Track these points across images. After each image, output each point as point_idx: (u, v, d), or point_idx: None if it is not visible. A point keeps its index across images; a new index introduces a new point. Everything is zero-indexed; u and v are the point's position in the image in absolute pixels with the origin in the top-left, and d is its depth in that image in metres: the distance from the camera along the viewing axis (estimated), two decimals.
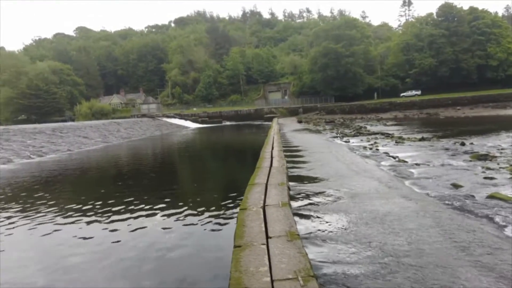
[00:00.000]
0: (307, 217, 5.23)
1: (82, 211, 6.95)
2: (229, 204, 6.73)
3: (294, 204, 5.76)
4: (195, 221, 5.92)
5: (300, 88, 66.59)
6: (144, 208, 6.88)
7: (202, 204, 7.04)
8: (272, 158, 9.23)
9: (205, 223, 5.79)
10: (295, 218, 4.49)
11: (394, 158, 10.57)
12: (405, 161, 9.93)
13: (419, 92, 55.38)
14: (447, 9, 57.37)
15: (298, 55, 76.87)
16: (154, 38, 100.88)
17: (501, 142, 13.12)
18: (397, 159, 10.29)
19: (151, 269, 4.19)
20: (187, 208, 6.75)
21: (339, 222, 4.93)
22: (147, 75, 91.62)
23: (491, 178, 7.20)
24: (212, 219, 5.91)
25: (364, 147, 13.42)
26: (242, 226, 3.97)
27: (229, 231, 5.23)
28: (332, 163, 9.98)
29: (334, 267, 3.58)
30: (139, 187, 9.53)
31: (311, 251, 3.82)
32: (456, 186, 6.76)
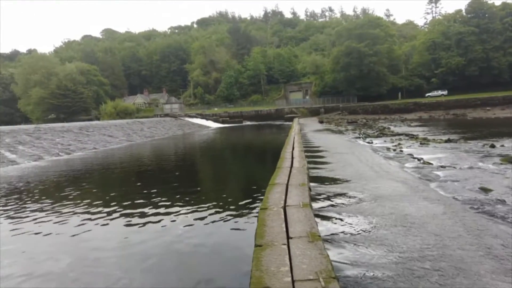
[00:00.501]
0: (328, 218, 5.17)
1: (107, 207, 7.17)
2: (249, 204, 6.76)
3: (315, 205, 5.71)
4: (215, 219, 5.98)
5: (322, 88, 65.90)
6: (166, 206, 7.01)
7: (222, 202, 7.11)
8: (292, 158, 9.18)
9: (225, 221, 5.84)
10: (316, 219, 4.45)
11: (419, 160, 10.28)
12: (430, 163, 9.63)
13: (445, 92, 53.53)
14: (477, 5, 55.06)
15: (320, 54, 76.06)
16: (177, 39, 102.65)
17: None
18: (421, 161, 9.99)
19: (172, 266, 4.27)
20: (208, 206, 6.83)
21: (361, 224, 4.85)
22: (170, 76, 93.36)
23: None
24: (232, 218, 5.96)
25: (388, 148, 13.12)
26: (262, 226, 3.97)
27: (249, 230, 5.25)
28: (354, 164, 9.83)
29: (355, 269, 3.53)
30: (161, 185, 9.73)
31: (332, 253, 3.78)
32: (485, 190, 6.49)
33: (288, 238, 3.58)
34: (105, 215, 6.62)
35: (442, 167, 9.01)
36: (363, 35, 56.65)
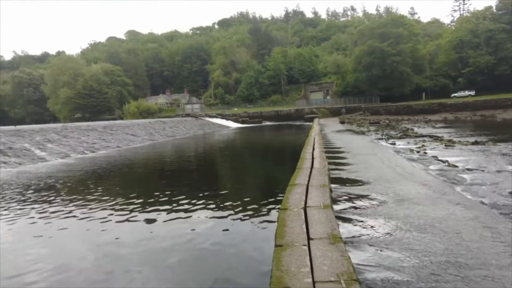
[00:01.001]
0: (350, 220, 5.11)
1: (129, 204, 7.35)
2: (268, 204, 6.76)
3: (336, 207, 5.65)
4: (234, 218, 6.03)
5: (343, 88, 65.05)
6: (186, 204, 7.11)
7: (241, 202, 7.14)
8: (313, 159, 9.12)
9: (244, 220, 5.87)
10: (337, 221, 4.40)
11: (444, 162, 9.97)
12: (455, 165, 9.32)
13: (472, 93, 51.54)
14: (509, 1, 52.76)
15: (341, 54, 75.12)
16: (198, 40, 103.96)
17: None
18: (446, 164, 9.69)
19: (191, 264, 4.33)
20: (227, 205, 6.89)
21: (383, 227, 4.76)
22: (191, 76, 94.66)
23: None
24: (251, 218, 5.98)
25: (411, 150, 12.80)
26: (283, 226, 3.97)
27: (268, 230, 5.26)
28: (376, 166, 9.65)
29: (377, 272, 3.47)
30: (182, 184, 9.89)
31: (353, 255, 3.72)
32: None
33: (308, 239, 3.56)
34: (127, 212, 6.80)
35: (468, 170, 8.71)
36: (386, 34, 55.48)
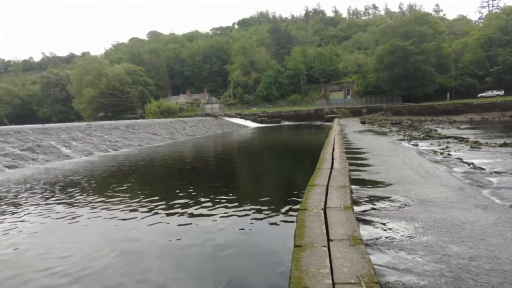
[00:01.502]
0: (370, 222, 5.02)
1: (149, 201, 7.51)
2: (286, 204, 6.72)
3: (356, 208, 5.56)
4: (252, 218, 6.04)
5: (364, 88, 63.96)
6: (204, 203, 7.19)
7: (259, 201, 7.16)
8: (333, 159, 9.01)
9: (262, 220, 5.88)
10: (357, 223, 4.33)
11: (469, 164, 9.62)
12: (482, 168, 8.98)
13: (501, 93, 49.44)
14: None
15: (362, 53, 73.88)
16: (218, 40, 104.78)
17: None
18: (472, 166, 9.34)
19: (208, 263, 4.35)
20: (244, 204, 6.92)
21: (405, 230, 4.66)
22: (211, 76, 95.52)
23: None
24: (269, 217, 5.98)
25: (434, 152, 12.44)
26: (302, 227, 3.94)
27: (286, 230, 5.24)
28: (398, 167, 9.44)
29: (398, 276, 3.40)
30: (200, 183, 10.01)
31: (374, 258, 3.66)
32: None
33: (328, 240, 3.52)
34: (147, 209, 6.94)
35: (496, 173, 8.37)
36: (409, 32, 54.12)
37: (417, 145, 15.00)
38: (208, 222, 5.97)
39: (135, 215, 6.54)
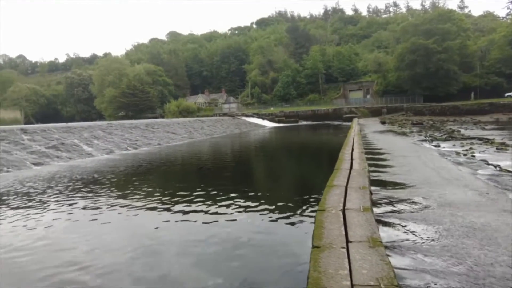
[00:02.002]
0: (390, 224, 4.93)
1: (168, 200, 7.64)
2: (303, 204, 6.70)
3: (376, 210, 5.48)
4: (268, 217, 6.04)
5: (384, 87, 62.81)
6: (222, 201, 7.25)
7: (276, 201, 7.16)
8: (352, 160, 8.90)
9: (278, 220, 5.88)
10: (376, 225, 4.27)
11: (495, 166, 9.28)
12: (509, 171, 8.65)
13: None
14: None
15: (383, 52, 72.57)
16: (237, 40, 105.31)
17: None
18: (498, 168, 9.01)
19: (224, 263, 4.37)
20: (261, 204, 6.93)
21: (426, 233, 4.55)
22: (229, 76, 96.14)
23: None
24: (285, 218, 5.97)
25: (457, 153, 12.08)
26: (320, 228, 3.93)
27: (303, 231, 5.24)
28: (419, 169, 9.23)
29: (419, 280, 3.33)
30: (218, 182, 10.09)
31: (394, 260, 3.60)
32: None
33: (347, 241, 3.50)
34: (166, 207, 7.07)
35: None
36: (431, 30, 52.71)
37: (439, 146, 14.62)
38: (225, 220, 6.02)
39: (154, 212, 6.67)
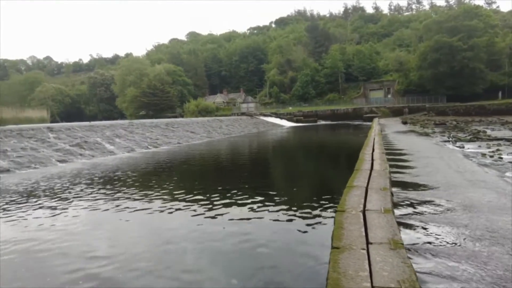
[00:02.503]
0: (411, 226, 4.84)
1: (186, 198, 7.71)
2: (322, 205, 6.64)
3: (397, 211, 5.39)
4: (286, 218, 6.02)
5: (406, 86, 61.35)
6: (239, 201, 7.28)
7: (293, 201, 7.14)
8: (372, 160, 8.77)
9: (296, 220, 5.85)
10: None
11: None
12: None
13: None
14: None
15: (404, 50, 70.89)
16: (255, 40, 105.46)
17: None
18: None
19: (241, 263, 4.39)
20: (279, 204, 6.92)
21: (449, 236, 4.44)
22: (248, 76, 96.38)
23: None
24: (303, 218, 5.93)
25: (483, 154, 11.68)
26: (340, 228, 3.90)
27: (321, 231, 5.20)
28: (442, 170, 8.99)
29: (442, 284, 3.26)
30: (235, 181, 10.15)
31: (415, 263, 3.54)
32: None
33: (367, 243, 3.46)
34: (185, 204, 7.16)
35: None
36: (456, 27, 51.01)
37: (463, 147, 14.18)
38: (242, 220, 6.05)
39: (173, 210, 6.78)
